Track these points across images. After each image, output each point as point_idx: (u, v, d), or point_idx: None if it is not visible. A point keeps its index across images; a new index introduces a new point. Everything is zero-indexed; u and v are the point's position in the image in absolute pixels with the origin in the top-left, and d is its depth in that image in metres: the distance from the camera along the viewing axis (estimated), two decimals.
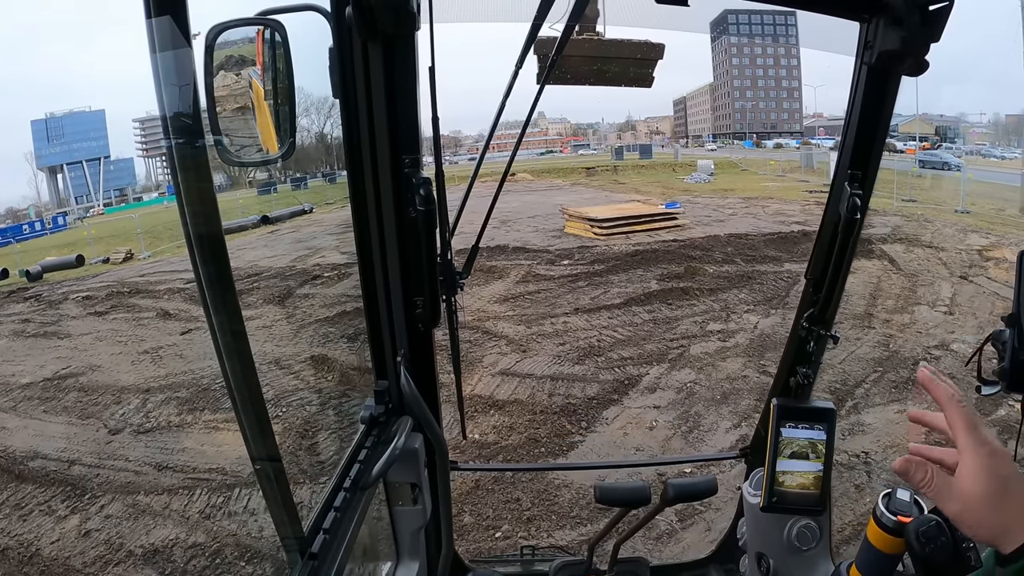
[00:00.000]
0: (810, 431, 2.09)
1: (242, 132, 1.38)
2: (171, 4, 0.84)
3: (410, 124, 1.70)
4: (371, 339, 1.97)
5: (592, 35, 2.23)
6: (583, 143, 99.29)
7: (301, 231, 25.61)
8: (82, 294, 17.45)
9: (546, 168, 53.23)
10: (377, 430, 1.89)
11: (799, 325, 2.22)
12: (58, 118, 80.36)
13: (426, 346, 2.07)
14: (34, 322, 15.20)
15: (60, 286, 19.61)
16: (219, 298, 1.03)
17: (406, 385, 1.91)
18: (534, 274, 15.17)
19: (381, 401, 1.94)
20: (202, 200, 0.97)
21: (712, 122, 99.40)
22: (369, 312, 1.93)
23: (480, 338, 10.90)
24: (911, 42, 1.64)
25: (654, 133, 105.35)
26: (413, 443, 1.96)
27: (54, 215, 48.21)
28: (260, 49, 1.41)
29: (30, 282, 21.35)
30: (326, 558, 1.40)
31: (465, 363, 9.35)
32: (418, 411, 1.95)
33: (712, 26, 13.58)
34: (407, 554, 2.16)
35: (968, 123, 77.82)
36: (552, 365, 9.67)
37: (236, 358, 1.08)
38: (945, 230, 18.54)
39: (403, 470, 1.97)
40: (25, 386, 10.63)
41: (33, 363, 11.89)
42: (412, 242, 1.80)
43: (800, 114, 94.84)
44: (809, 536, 2.26)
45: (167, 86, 0.87)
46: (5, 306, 18.02)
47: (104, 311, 15.30)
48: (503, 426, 7.71)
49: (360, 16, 1.46)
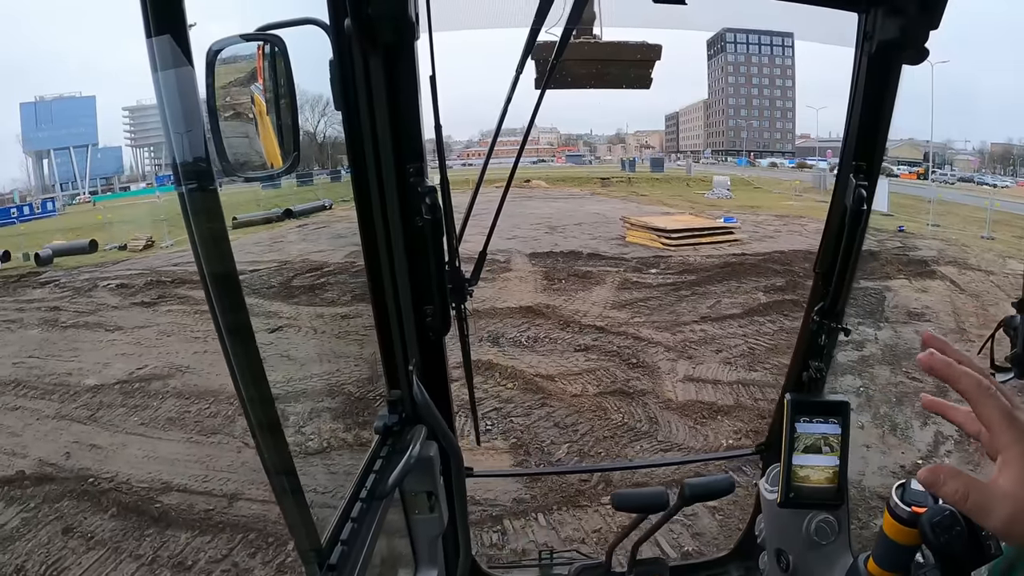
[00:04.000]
0: (825, 425, 2.11)
1: (246, 147, 1.40)
2: (170, 24, 0.84)
3: (413, 133, 1.72)
4: (382, 349, 1.96)
5: (590, 38, 2.23)
6: (577, 154, 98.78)
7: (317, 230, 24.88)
8: (112, 282, 16.25)
9: (560, 177, 53.49)
10: (392, 439, 1.89)
11: (810, 319, 2.26)
12: (48, 102, 77.61)
13: (437, 354, 2.08)
14: (67, 311, 13.84)
15: (77, 272, 18.52)
16: (228, 308, 1.02)
17: (419, 394, 1.91)
18: (632, 282, 14.45)
19: (395, 411, 1.94)
20: (209, 216, 0.95)
21: (705, 139, 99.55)
22: (379, 322, 1.92)
23: (634, 344, 10.18)
24: (911, 30, 1.66)
25: (643, 147, 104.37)
26: (428, 451, 1.97)
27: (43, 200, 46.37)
28: (261, 65, 1.42)
29: (39, 266, 20.40)
30: (344, 569, 1.38)
31: (643, 369, 9.10)
32: (432, 419, 1.95)
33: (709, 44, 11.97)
34: (425, 562, 2.16)
35: (954, 150, 78.84)
36: (729, 371, 9.24)
37: (247, 369, 1.05)
38: (984, 255, 18.44)
39: (419, 479, 1.98)
40: (94, 389, 9.06)
41: (91, 360, 10.39)
42: (420, 251, 1.81)
43: (793, 134, 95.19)
44: (827, 530, 2.24)
45: (169, 104, 0.86)
46: (20, 291, 16.84)
47: (151, 302, 14.04)
48: (742, 431, 7.39)
49: (359, 28, 1.48)
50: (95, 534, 5.66)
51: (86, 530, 5.72)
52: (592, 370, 8.98)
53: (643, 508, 2.34)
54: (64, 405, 8.60)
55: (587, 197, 37.99)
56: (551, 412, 7.75)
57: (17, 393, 9.24)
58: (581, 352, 9.72)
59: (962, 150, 79.55)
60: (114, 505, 6.07)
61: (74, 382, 9.38)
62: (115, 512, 5.96)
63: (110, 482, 6.48)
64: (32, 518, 6.00)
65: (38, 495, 6.37)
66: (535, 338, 10.44)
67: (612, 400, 7.97)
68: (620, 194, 39.72)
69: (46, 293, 16.02)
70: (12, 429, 8.01)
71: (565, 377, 8.74)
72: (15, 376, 9.93)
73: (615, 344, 10.02)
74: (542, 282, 14.01)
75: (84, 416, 8.19)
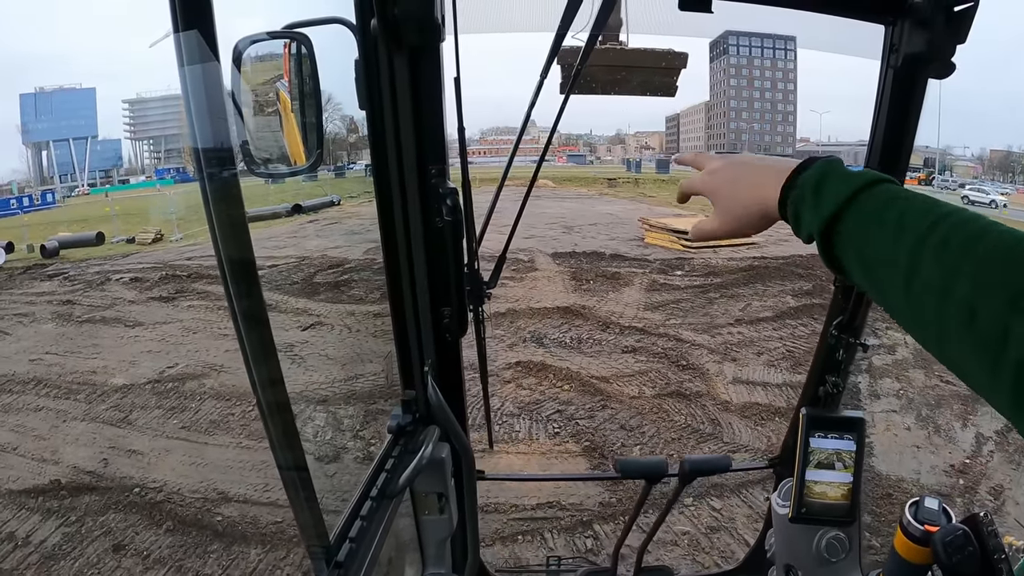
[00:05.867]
0: (839, 441, 2.11)
1: (270, 143, 1.43)
2: (199, 19, 0.81)
3: (436, 134, 1.71)
4: (398, 349, 1.92)
5: (616, 44, 2.25)
6: (578, 154, 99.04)
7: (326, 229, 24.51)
8: (125, 276, 15.79)
9: (567, 176, 53.83)
10: (404, 439, 1.88)
11: (828, 333, 2.27)
12: (48, 94, 77.71)
13: (453, 356, 2.07)
14: (81, 305, 13.40)
15: (86, 265, 18.07)
16: (246, 304, 0.98)
17: (433, 395, 1.92)
18: (660, 283, 14.32)
19: (408, 411, 1.92)
20: (230, 211, 0.92)
21: (706, 140, 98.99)
22: (396, 322, 1.89)
23: (678, 346, 10.09)
24: (937, 44, 1.64)
25: (644, 148, 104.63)
26: (440, 453, 1.95)
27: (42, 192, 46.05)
28: (287, 62, 1.44)
29: (45, 259, 20.03)
30: (352, 567, 1.36)
31: (693, 371, 8.98)
32: (445, 421, 1.95)
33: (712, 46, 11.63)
34: (433, 564, 2.13)
35: (953, 156, 79.13)
36: (775, 373, 9.21)
37: (263, 364, 1.03)
38: None
39: (430, 479, 1.97)
40: (123, 389, 8.63)
41: (115, 357, 9.95)
42: (439, 252, 1.81)
43: (794, 137, 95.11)
44: (838, 547, 2.20)
45: (195, 98, 0.84)
46: (28, 284, 16.40)
47: (169, 296, 13.65)
48: None
49: (385, 29, 1.47)
50: (151, 552, 5.26)
51: (140, 547, 5.31)
52: (644, 372, 8.82)
53: (645, 474, 2.37)
54: (92, 406, 8.17)
55: (596, 198, 38.02)
56: (614, 414, 7.61)
57: (38, 392, 8.79)
58: (629, 354, 9.54)
59: (961, 156, 79.90)
60: (169, 519, 5.66)
61: (100, 381, 8.95)
62: (171, 527, 5.55)
63: (159, 492, 6.07)
64: (75, 533, 5.57)
65: (79, 507, 5.94)
66: (579, 339, 10.25)
67: (671, 402, 7.84)
68: (628, 195, 39.75)
69: (55, 286, 15.60)
70: (38, 432, 7.56)
71: (619, 379, 8.59)
72: (34, 374, 9.47)
73: (659, 346, 9.86)
74: (570, 282, 13.78)
75: (117, 418, 7.77)
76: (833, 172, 0.81)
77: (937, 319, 0.66)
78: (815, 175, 0.82)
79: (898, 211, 0.73)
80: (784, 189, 0.85)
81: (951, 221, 0.68)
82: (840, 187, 0.78)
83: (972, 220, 0.67)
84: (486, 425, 2.91)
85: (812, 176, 0.82)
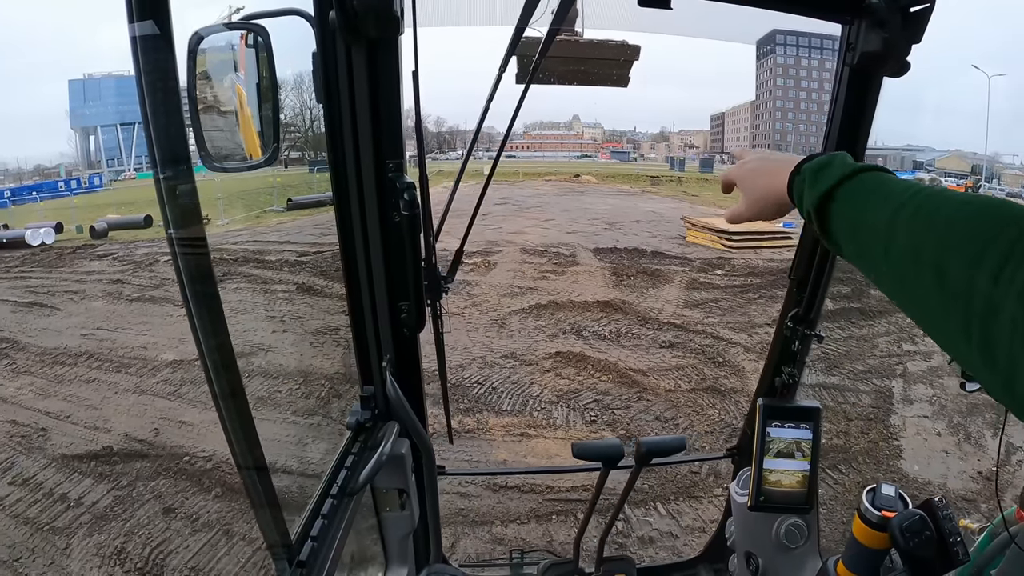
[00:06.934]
0: (796, 430, 2.15)
1: (225, 137, 1.38)
2: (153, 9, 0.82)
3: (393, 128, 1.71)
4: (356, 344, 1.96)
5: (572, 36, 2.20)
6: (622, 150, 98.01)
7: None
8: None
9: (610, 173, 53.75)
10: (364, 436, 1.88)
11: (784, 325, 2.30)
12: (96, 79, 78.82)
13: (411, 351, 2.07)
14: (130, 284, 13.88)
15: (135, 246, 18.57)
16: (202, 300, 1.00)
17: (392, 390, 1.94)
18: (700, 282, 14.21)
19: (367, 407, 1.93)
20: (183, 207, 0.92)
21: (750, 140, 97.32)
22: (354, 317, 1.91)
23: (715, 343, 10.07)
24: (893, 43, 1.68)
25: (688, 146, 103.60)
26: (400, 448, 1.98)
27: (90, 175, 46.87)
28: (243, 54, 1.41)
29: (94, 239, 20.66)
30: (314, 565, 1.38)
31: (729, 368, 8.94)
32: (404, 416, 1.98)
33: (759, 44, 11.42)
34: (395, 560, 2.17)
35: (1002, 164, 76.90)
36: (808, 374, 8.82)
37: (219, 361, 1.05)
38: None
39: (390, 476, 2.00)
40: (173, 364, 8.91)
41: (164, 334, 10.24)
42: (396, 247, 1.81)
43: None
44: (797, 534, 2.28)
45: (149, 90, 0.84)
46: (78, 263, 17.01)
47: (217, 279, 13.42)
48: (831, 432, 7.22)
49: (344, 20, 1.47)
50: (199, 515, 5.44)
51: (189, 511, 5.49)
52: (680, 367, 8.81)
53: (601, 457, 2.34)
54: (143, 380, 8.45)
55: (639, 195, 37.87)
56: (649, 406, 7.67)
57: (90, 365, 9.16)
58: (666, 349, 9.54)
59: (1010, 164, 77.78)
60: (218, 485, 5.84)
61: (151, 356, 9.24)
62: (219, 493, 5.75)
63: (208, 461, 6.26)
64: (126, 496, 5.79)
65: (129, 472, 6.18)
66: (617, 332, 10.27)
67: (706, 397, 7.84)
68: (671, 193, 39.56)
69: (105, 265, 16.06)
70: (90, 402, 7.87)
71: (656, 372, 8.60)
72: (86, 347, 9.86)
73: (696, 343, 9.84)
74: (611, 278, 13.79)
75: (167, 392, 8.02)
76: (834, 161, 0.91)
77: (914, 283, 0.72)
78: (818, 163, 0.93)
79: (882, 189, 0.81)
80: (792, 175, 0.97)
81: (925, 193, 0.75)
82: (836, 171, 0.88)
83: (941, 192, 0.74)
84: (446, 420, 2.89)
85: (815, 164, 0.93)
